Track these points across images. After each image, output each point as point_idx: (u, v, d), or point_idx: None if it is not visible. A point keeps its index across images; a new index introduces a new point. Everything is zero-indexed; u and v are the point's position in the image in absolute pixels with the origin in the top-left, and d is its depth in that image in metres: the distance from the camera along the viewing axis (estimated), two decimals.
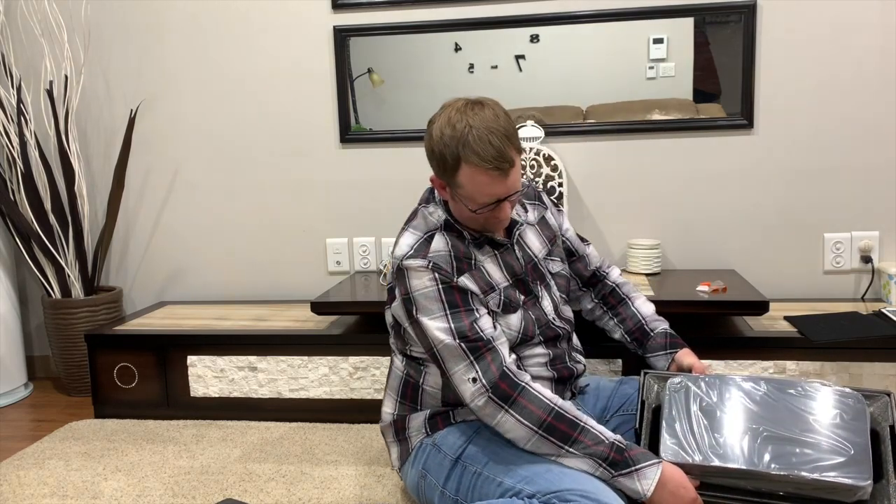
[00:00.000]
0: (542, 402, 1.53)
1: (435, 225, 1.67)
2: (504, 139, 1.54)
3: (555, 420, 1.52)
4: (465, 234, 1.67)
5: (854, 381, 2.22)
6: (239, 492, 2.02)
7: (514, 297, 1.68)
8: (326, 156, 2.88)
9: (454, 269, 1.61)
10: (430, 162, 1.62)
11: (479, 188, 1.56)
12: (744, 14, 2.58)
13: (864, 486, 1.45)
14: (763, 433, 1.54)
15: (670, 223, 2.74)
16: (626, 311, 1.90)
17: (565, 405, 1.54)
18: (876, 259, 2.64)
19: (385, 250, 2.88)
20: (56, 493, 2.05)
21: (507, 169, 1.55)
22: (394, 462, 1.80)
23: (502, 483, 1.53)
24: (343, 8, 2.77)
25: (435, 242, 1.63)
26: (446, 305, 1.59)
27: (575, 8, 2.66)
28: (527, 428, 1.53)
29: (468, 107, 1.58)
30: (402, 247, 1.65)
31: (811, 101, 2.61)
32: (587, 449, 1.50)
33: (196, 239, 3.01)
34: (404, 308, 1.64)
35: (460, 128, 1.54)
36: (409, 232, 1.68)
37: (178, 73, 2.92)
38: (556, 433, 1.51)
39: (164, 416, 2.58)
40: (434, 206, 1.70)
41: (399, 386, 1.78)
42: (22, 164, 2.77)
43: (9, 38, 2.92)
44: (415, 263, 1.60)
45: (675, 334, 1.86)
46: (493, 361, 1.56)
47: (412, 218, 1.71)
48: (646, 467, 1.48)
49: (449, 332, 1.57)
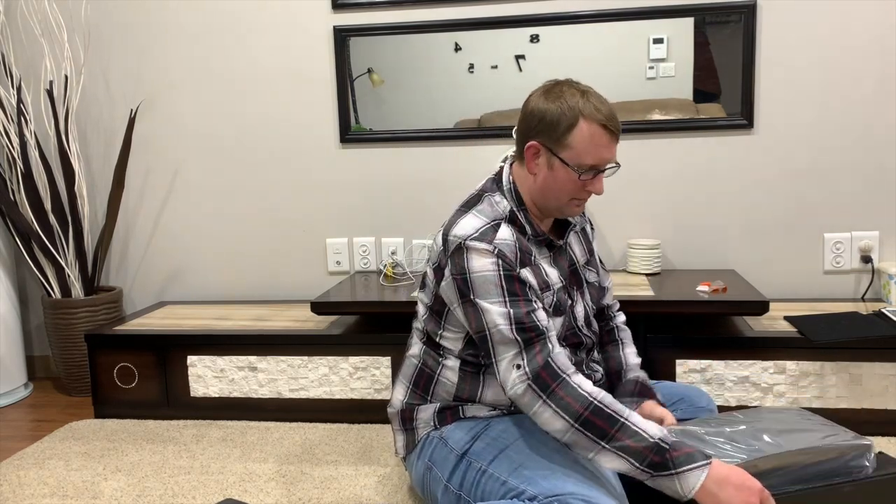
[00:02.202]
0: (580, 395, 1.48)
1: (501, 214, 1.65)
2: (615, 112, 1.61)
3: (592, 414, 1.46)
4: (528, 230, 1.66)
5: (854, 381, 2.22)
6: (239, 492, 2.02)
7: (563, 299, 1.68)
8: (326, 156, 2.88)
9: (517, 260, 1.60)
10: (533, 127, 1.62)
11: (593, 147, 1.58)
12: (744, 14, 2.58)
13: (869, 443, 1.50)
14: (753, 430, 1.55)
15: (670, 223, 2.74)
16: (614, 353, 1.86)
17: (606, 399, 1.49)
18: (876, 259, 2.64)
19: (385, 250, 2.88)
20: (56, 493, 2.05)
21: (618, 134, 1.61)
22: (398, 449, 1.79)
23: (506, 482, 1.53)
24: (343, 8, 2.77)
25: (502, 231, 1.61)
26: (506, 292, 1.56)
27: (575, 8, 2.66)
28: (563, 420, 1.48)
29: (575, 81, 1.64)
30: (465, 227, 1.62)
31: (811, 101, 2.61)
32: (626, 448, 1.44)
33: (196, 239, 3.01)
34: (457, 289, 1.60)
35: (577, 93, 1.59)
36: (473, 215, 1.65)
37: (178, 73, 2.92)
38: (593, 429, 1.46)
39: (164, 416, 2.58)
40: (500, 195, 1.69)
41: (413, 374, 1.76)
42: (22, 164, 2.77)
43: (9, 38, 2.92)
44: (480, 246, 1.58)
45: (647, 385, 1.76)
46: (540, 351, 1.53)
47: (475, 202, 1.68)
48: (688, 471, 1.40)
49: (507, 317, 1.55)
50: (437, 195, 2.83)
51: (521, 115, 1.66)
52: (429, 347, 1.74)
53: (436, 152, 2.82)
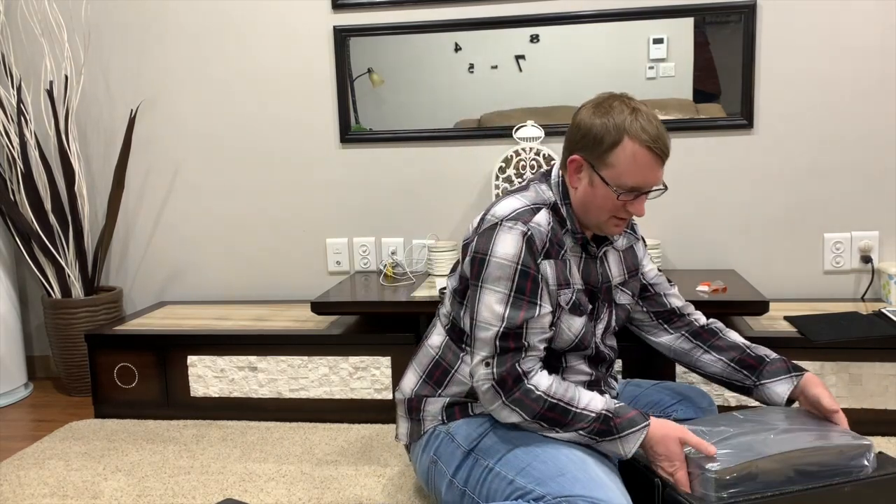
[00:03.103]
0: (537, 397, 1.55)
1: (544, 201, 1.65)
2: (663, 129, 1.57)
3: (548, 411, 1.55)
4: (567, 224, 1.65)
5: (854, 381, 2.22)
6: (239, 492, 2.02)
7: (584, 301, 1.67)
8: (326, 156, 2.88)
9: (544, 248, 1.59)
10: (577, 141, 1.60)
11: (636, 167, 1.55)
12: (744, 14, 2.58)
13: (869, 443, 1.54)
14: (754, 429, 1.58)
15: (670, 223, 2.74)
16: (725, 342, 1.82)
17: (559, 392, 1.55)
18: (876, 259, 2.64)
19: (385, 250, 2.88)
20: (56, 493, 2.05)
21: (664, 157, 1.57)
22: (400, 436, 1.79)
23: (513, 482, 1.53)
24: (343, 8, 2.77)
25: (539, 215, 1.61)
26: (514, 286, 1.56)
27: (575, 8, 2.66)
28: (520, 416, 1.57)
29: (629, 97, 1.60)
30: (505, 208, 1.63)
31: (811, 100, 2.61)
32: (577, 428, 1.55)
33: (196, 239, 3.01)
34: (475, 266, 1.61)
35: (628, 109, 1.56)
36: (515, 197, 1.65)
37: (178, 74, 2.92)
38: (548, 421, 1.55)
39: (164, 416, 2.58)
40: (548, 186, 1.68)
41: (429, 365, 1.74)
42: (22, 164, 2.77)
43: (9, 38, 2.92)
44: (513, 226, 1.58)
45: (791, 362, 1.76)
46: (511, 358, 1.56)
47: (522, 189, 1.69)
48: (629, 434, 1.52)
49: (500, 319, 1.56)
50: (437, 195, 2.83)
51: (569, 126, 1.64)
52: (451, 339, 1.72)
53: (436, 152, 2.82)
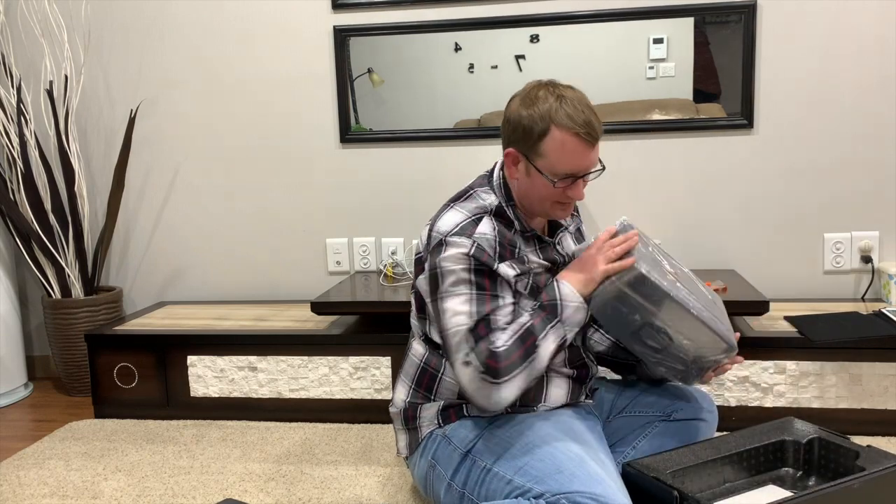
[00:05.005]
0: (509, 350, 1.54)
1: (485, 208, 1.65)
2: (591, 112, 1.58)
3: (520, 345, 1.55)
4: (515, 225, 1.66)
5: (854, 381, 2.22)
6: (239, 492, 2.02)
7: (542, 281, 1.67)
8: (326, 156, 2.88)
9: (496, 254, 1.60)
10: (510, 135, 1.62)
11: (566, 155, 1.56)
12: (744, 14, 2.58)
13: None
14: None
15: (670, 223, 2.74)
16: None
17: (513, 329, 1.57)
18: (876, 259, 2.64)
19: (385, 250, 2.88)
20: (56, 493, 2.05)
21: (594, 142, 1.57)
22: (401, 449, 1.79)
23: (511, 481, 1.53)
24: (343, 8, 2.77)
25: (482, 225, 1.61)
26: (474, 286, 1.57)
27: (575, 8, 2.66)
28: (520, 374, 1.54)
29: (554, 84, 1.61)
30: (446, 223, 1.63)
31: (811, 100, 2.61)
32: (539, 329, 1.56)
33: (196, 239, 3.01)
34: (430, 283, 1.62)
35: (553, 97, 1.57)
36: (455, 209, 1.66)
37: (178, 73, 2.92)
38: (529, 350, 1.55)
39: (164, 416, 2.58)
40: (488, 191, 1.69)
41: (415, 373, 1.75)
42: (22, 164, 2.77)
43: (9, 38, 2.92)
44: (458, 240, 1.59)
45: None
46: (485, 342, 1.55)
47: (460, 198, 1.69)
48: (560, 292, 1.59)
49: (468, 315, 1.56)
50: (437, 195, 2.83)
51: (502, 120, 1.66)
52: (430, 346, 1.74)
53: (436, 152, 2.82)
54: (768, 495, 1.63)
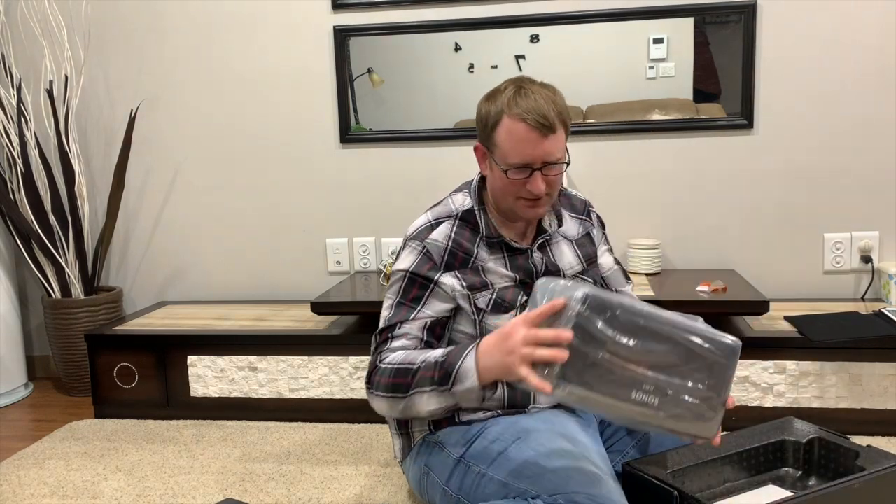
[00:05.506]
0: (385, 370, 1.55)
1: (451, 213, 1.67)
2: (550, 103, 1.54)
3: (394, 378, 1.53)
4: (482, 230, 1.66)
5: (854, 381, 2.22)
6: (239, 492, 2.02)
7: (510, 296, 1.65)
8: (326, 156, 2.88)
9: (443, 262, 1.62)
10: (479, 131, 1.64)
11: (516, 143, 1.54)
12: (744, 14, 2.58)
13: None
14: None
15: (670, 223, 2.74)
16: None
17: (398, 357, 1.56)
18: (876, 259, 2.64)
19: (385, 250, 2.88)
20: (56, 493, 2.05)
21: (546, 131, 1.53)
22: (396, 453, 1.79)
23: (507, 483, 1.52)
24: (343, 8, 2.77)
25: (438, 230, 1.64)
26: (401, 292, 1.63)
27: (575, 8, 2.66)
28: (384, 399, 1.55)
29: (525, 80, 1.60)
30: (412, 226, 1.70)
31: (811, 101, 2.61)
32: (425, 384, 1.49)
33: (196, 239, 3.01)
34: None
35: (514, 90, 1.56)
36: (426, 213, 1.71)
37: (178, 73, 2.92)
38: (400, 388, 1.53)
39: (164, 416, 2.58)
40: (464, 194, 1.70)
41: None
42: (22, 164, 2.77)
43: (9, 38, 2.92)
44: (412, 244, 1.65)
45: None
46: (375, 353, 1.62)
47: (438, 203, 1.74)
48: (462, 364, 1.43)
49: (384, 320, 1.64)
50: (437, 195, 2.83)
51: None
52: None
53: (436, 152, 2.82)
54: (768, 495, 1.63)
